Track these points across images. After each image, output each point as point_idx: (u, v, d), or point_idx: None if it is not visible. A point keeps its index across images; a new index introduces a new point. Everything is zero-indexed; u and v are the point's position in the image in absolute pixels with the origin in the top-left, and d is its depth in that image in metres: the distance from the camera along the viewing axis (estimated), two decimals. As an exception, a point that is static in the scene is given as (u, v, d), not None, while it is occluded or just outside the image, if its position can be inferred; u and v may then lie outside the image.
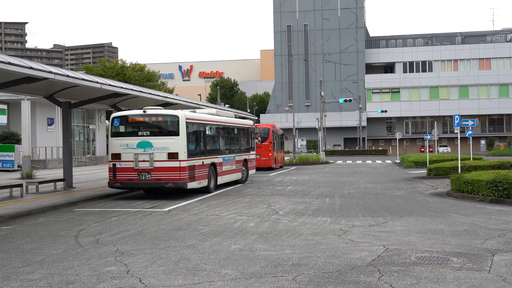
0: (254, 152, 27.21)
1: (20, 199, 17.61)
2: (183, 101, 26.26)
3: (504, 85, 79.12)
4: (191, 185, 18.16)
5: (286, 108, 72.10)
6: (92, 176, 29.46)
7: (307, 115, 79.85)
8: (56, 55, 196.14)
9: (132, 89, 20.76)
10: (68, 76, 16.32)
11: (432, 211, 13.87)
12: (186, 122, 18.06)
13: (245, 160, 25.06)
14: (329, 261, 8.18)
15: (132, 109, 25.51)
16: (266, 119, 76.62)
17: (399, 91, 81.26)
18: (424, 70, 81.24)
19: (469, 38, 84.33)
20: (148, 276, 7.45)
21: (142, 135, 17.96)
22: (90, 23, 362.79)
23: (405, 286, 6.82)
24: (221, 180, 21.48)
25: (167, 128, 18.17)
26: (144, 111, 18.30)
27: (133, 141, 17.86)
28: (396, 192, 19.51)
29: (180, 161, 17.57)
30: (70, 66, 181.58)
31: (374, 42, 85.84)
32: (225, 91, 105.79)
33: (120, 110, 25.84)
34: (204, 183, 19.38)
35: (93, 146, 48.77)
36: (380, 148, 75.38)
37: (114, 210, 15.11)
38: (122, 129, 18.47)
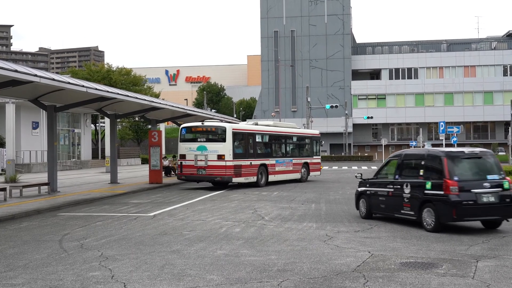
0: (319, 157, 30.90)
1: (4, 203, 17.44)
2: (169, 105, 26.23)
3: (488, 92, 79.85)
4: (237, 180, 23.26)
5: (272, 114, 72.14)
6: (77, 180, 29.27)
7: (293, 121, 79.56)
8: (42, 58, 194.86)
9: (118, 93, 20.70)
10: (53, 79, 16.22)
11: (417, 217, 13.91)
12: (233, 131, 23.19)
13: (306, 163, 28.98)
14: (315, 267, 8.18)
15: (118, 113, 25.69)
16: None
17: (385, 98, 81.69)
18: (409, 77, 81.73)
19: (454, 45, 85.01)
20: (133, 281, 7.41)
21: (201, 141, 23.43)
22: (76, 26, 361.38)
23: (390, 292, 6.84)
24: (273, 178, 25.85)
25: (218, 136, 23.38)
26: (202, 123, 24.30)
27: (194, 145, 23.34)
28: (381, 198, 19.53)
29: (226, 161, 22.69)
30: (56, 70, 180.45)
31: (360, 49, 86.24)
32: (211, 96, 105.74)
33: (106, 114, 25.95)
34: (252, 179, 24.12)
35: (78, 150, 48.46)
36: (366, 154, 75.61)
37: (99, 214, 15.01)
38: (187, 136, 24.03)
